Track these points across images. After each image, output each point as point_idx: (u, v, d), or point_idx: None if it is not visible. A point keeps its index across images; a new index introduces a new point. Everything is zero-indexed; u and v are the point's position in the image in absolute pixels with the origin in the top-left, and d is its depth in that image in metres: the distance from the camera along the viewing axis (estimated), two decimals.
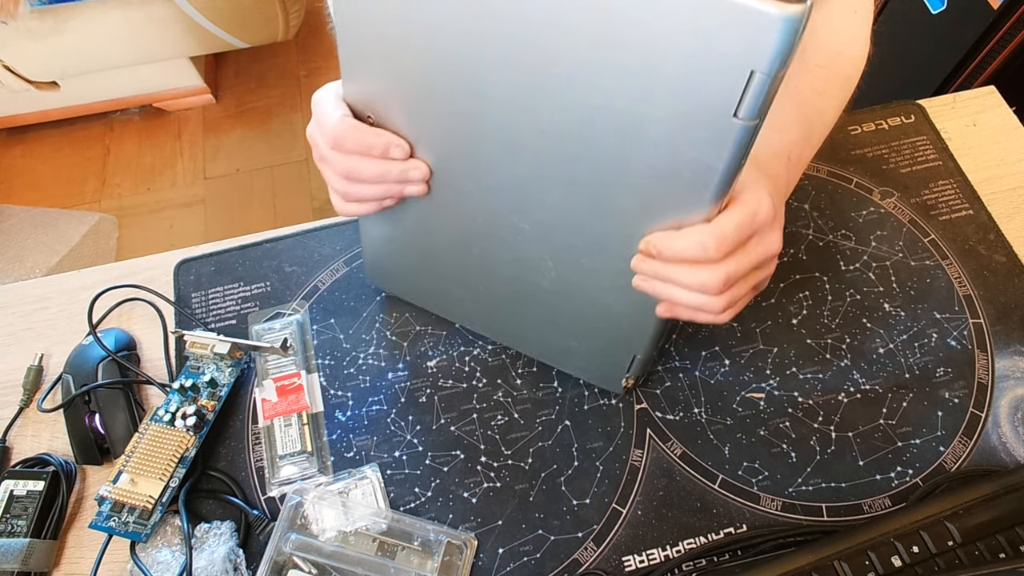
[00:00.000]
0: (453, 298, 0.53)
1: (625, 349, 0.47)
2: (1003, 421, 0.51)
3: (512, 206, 0.40)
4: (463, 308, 0.53)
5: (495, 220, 0.42)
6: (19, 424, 0.53)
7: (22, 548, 0.45)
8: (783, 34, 0.25)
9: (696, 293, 0.36)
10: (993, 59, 1.06)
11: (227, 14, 1.51)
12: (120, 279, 0.57)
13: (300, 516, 0.46)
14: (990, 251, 0.58)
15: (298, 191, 1.64)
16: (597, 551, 0.47)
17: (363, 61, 0.37)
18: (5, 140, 1.73)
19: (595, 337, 0.48)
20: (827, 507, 0.48)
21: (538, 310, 0.47)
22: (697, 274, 0.35)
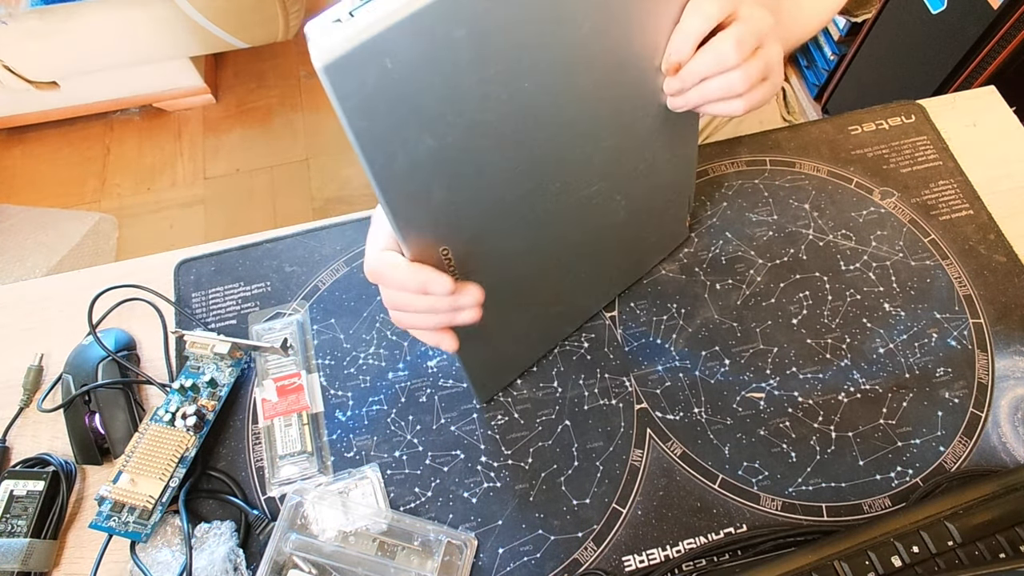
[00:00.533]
0: (543, 333, 0.53)
1: (683, 195, 0.54)
2: (1003, 421, 0.51)
3: (575, 198, 0.43)
4: (551, 330, 0.54)
5: (571, 224, 0.45)
6: (19, 424, 0.53)
7: (22, 548, 0.45)
8: None
9: (727, 93, 0.41)
10: (993, 59, 1.06)
11: (227, 14, 1.51)
12: (120, 279, 0.57)
13: (300, 516, 0.46)
14: (990, 251, 0.58)
15: (298, 191, 1.64)
16: (597, 551, 0.47)
17: (418, 228, 0.36)
18: (5, 140, 1.73)
19: (662, 212, 0.53)
20: (827, 507, 0.48)
21: (615, 246, 0.52)
22: (726, 79, 0.40)
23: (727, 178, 0.63)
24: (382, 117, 0.29)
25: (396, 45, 0.27)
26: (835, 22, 1.41)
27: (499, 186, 0.37)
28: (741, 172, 0.63)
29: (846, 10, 0.69)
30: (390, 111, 0.29)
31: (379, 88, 0.28)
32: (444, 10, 0.27)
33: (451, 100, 0.31)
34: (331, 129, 1.73)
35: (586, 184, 0.43)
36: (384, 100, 0.29)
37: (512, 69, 0.32)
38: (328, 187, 1.64)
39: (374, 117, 0.29)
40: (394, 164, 0.31)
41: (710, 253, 0.59)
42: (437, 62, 0.29)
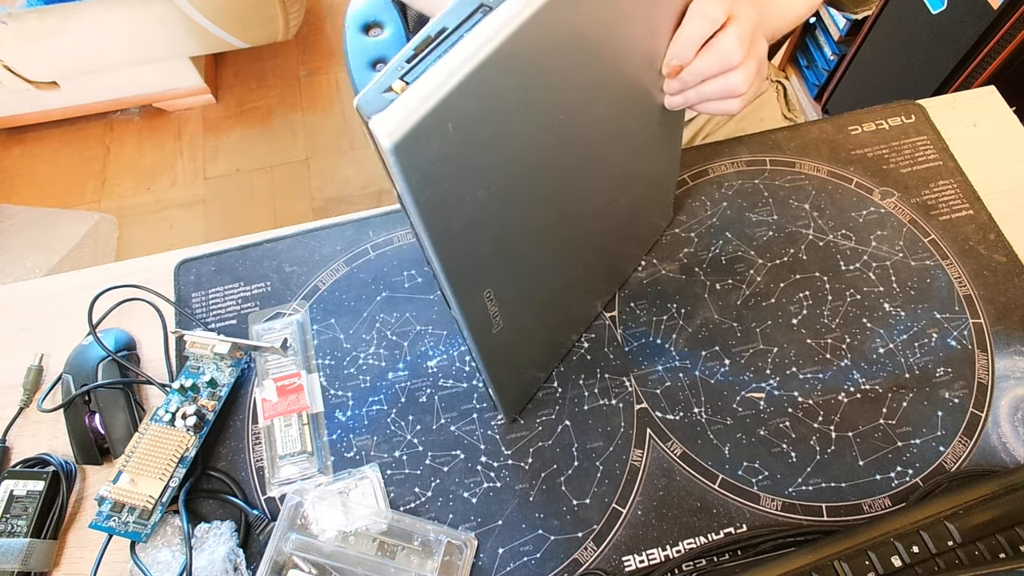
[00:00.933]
0: (556, 346, 0.53)
1: (670, 180, 0.55)
2: (1003, 421, 0.51)
3: (589, 210, 0.44)
4: (562, 340, 0.54)
5: (581, 239, 0.46)
6: (19, 424, 0.53)
7: (22, 548, 0.45)
8: None
9: (727, 94, 0.42)
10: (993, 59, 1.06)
11: (227, 14, 1.51)
12: (120, 279, 0.57)
13: (300, 516, 0.46)
14: (990, 251, 0.58)
15: (298, 191, 1.64)
16: (597, 551, 0.47)
17: (469, 280, 0.36)
18: (5, 140, 1.73)
19: (655, 202, 0.55)
20: (827, 507, 0.48)
21: (617, 247, 0.53)
22: (727, 79, 0.41)
23: (727, 178, 0.63)
24: (443, 181, 0.28)
25: (456, 108, 0.26)
26: (835, 22, 1.41)
27: (535, 220, 0.38)
28: (741, 172, 0.63)
29: (845, 7, 0.69)
30: (450, 174, 0.28)
31: (441, 154, 0.27)
32: (496, 64, 0.27)
33: (501, 149, 0.31)
34: (331, 129, 1.73)
35: (596, 198, 0.44)
36: (445, 164, 0.28)
37: (548, 105, 0.32)
38: (328, 187, 1.64)
39: (436, 183, 0.28)
40: (452, 226, 0.31)
41: (710, 253, 0.59)
42: (491, 114, 0.28)
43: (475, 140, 0.29)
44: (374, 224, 0.61)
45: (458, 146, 0.28)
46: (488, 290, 0.37)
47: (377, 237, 0.60)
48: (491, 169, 0.31)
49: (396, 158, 0.25)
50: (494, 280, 0.37)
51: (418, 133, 0.25)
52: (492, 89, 0.28)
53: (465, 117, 0.27)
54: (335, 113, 1.76)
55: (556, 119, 0.34)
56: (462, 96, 0.26)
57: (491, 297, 0.38)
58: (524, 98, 0.30)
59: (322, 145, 1.71)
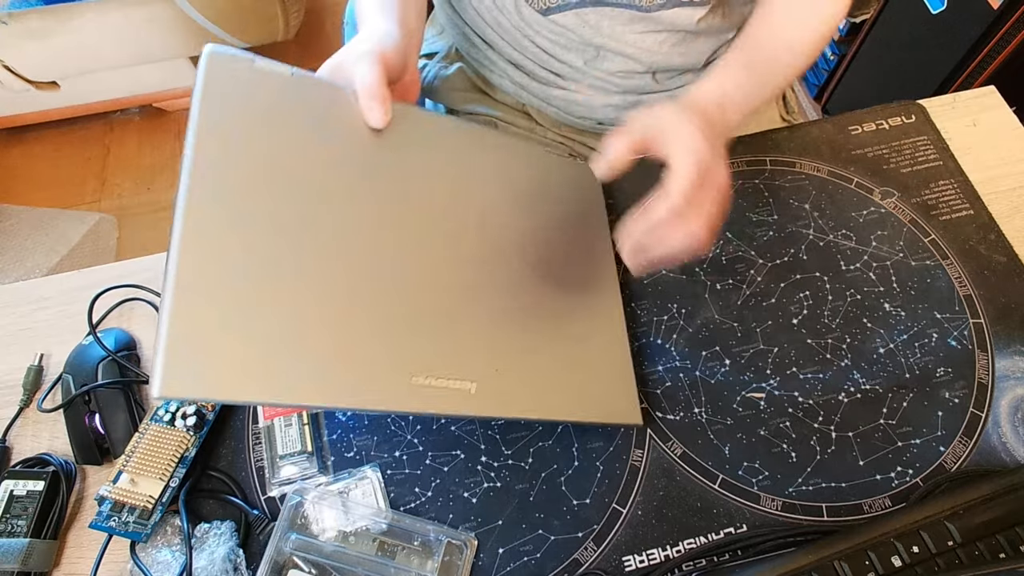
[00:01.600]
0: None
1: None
2: (1003, 421, 0.51)
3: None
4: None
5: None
6: (19, 424, 0.53)
7: (22, 548, 0.45)
8: None
9: (685, 247, 0.44)
10: (993, 59, 1.06)
11: (227, 14, 1.51)
12: (120, 279, 0.57)
13: (300, 516, 0.46)
14: (990, 251, 0.58)
15: None
16: (597, 551, 0.47)
17: None
18: (5, 140, 1.73)
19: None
20: (827, 507, 0.48)
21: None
22: (677, 233, 0.43)
23: None
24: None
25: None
26: None
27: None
28: (741, 172, 0.63)
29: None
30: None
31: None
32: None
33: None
34: None
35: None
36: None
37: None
38: None
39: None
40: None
41: (710, 253, 0.59)
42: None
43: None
44: None
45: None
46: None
47: None
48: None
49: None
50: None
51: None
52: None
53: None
54: None
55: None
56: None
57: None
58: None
59: None
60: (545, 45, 0.65)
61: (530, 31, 0.64)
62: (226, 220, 0.35)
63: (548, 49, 0.65)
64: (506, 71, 0.70)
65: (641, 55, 0.64)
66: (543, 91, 0.70)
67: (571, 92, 0.69)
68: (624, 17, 0.60)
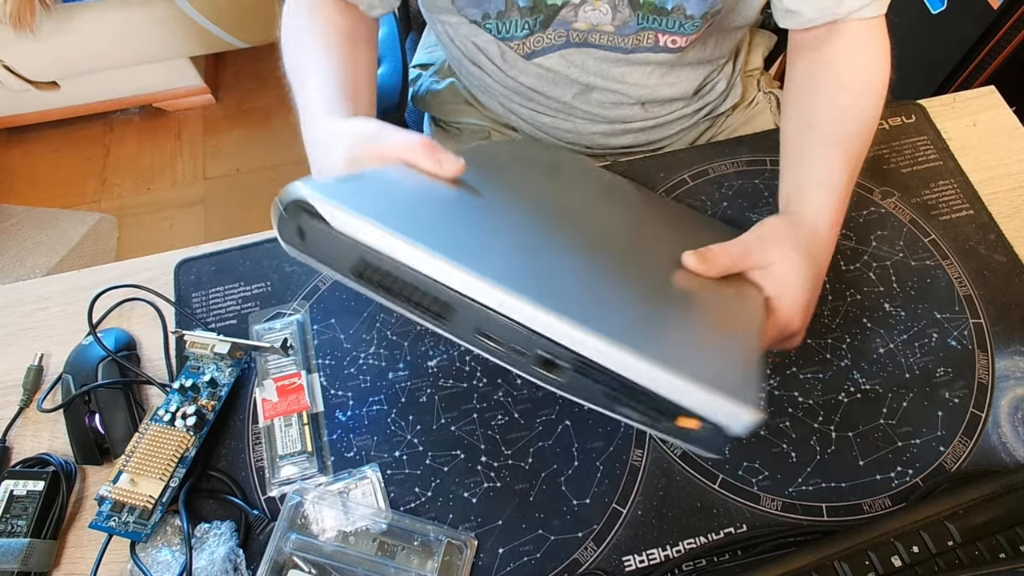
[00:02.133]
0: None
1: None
2: (1003, 421, 0.51)
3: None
4: None
5: None
6: (19, 424, 0.53)
7: (22, 548, 0.45)
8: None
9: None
10: (993, 59, 1.06)
11: (227, 14, 1.51)
12: (120, 279, 0.57)
13: (300, 516, 0.46)
14: (990, 251, 0.58)
15: None
16: (597, 551, 0.47)
17: None
18: (5, 140, 1.73)
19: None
20: (827, 507, 0.48)
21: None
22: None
23: (727, 178, 0.63)
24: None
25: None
26: None
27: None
28: (741, 172, 0.63)
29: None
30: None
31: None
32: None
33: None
34: None
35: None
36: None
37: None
38: None
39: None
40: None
41: None
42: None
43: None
44: None
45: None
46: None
47: None
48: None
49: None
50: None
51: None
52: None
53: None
54: None
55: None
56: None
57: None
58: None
59: None
60: (532, 84, 0.65)
61: (515, 71, 0.64)
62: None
63: (536, 87, 0.65)
64: (495, 95, 0.70)
65: (629, 89, 0.63)
66: (532, 117, 0.70)
67: (560, 120, 0.69)
68: (610, 58, 0.60)
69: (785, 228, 0.46)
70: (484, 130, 0.75)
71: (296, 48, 0.56)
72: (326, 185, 0.36)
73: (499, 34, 0.57)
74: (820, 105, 0.52)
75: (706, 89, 0.70)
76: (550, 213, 0.47)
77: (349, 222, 0.34)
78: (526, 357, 0.36)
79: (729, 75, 0.71)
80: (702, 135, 0.76)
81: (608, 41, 0.58)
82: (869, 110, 0.53)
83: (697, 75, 0.66)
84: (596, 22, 0.56)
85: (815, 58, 0.55)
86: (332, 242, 0.35)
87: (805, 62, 0.56)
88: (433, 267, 0.33)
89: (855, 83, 0.53)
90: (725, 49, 0.66)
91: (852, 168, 0.50)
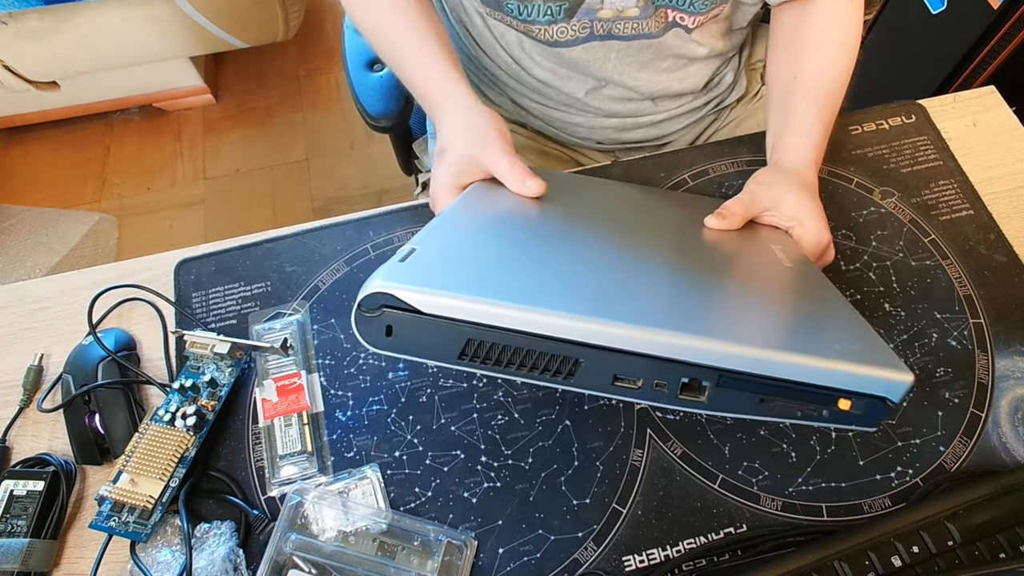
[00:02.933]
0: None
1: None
2: (1003, 421, 0.51)
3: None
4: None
5: None
6: (19, 424, 0.53)
7: (22, 548, 0.45)
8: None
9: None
10: (993, 59, 1.06)
11: (227, 14, 1.51)
12: (120, 279, 0.57)
13: (300, 516, 0.46)
14: (990, 251, 0.58)
15: (298, 191, 1.64)
16: (597, 551, 0.47)
17: None
18: (5, 140, 1.73)
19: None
20: (827, 507, 0.48)
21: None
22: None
23: (727, 178, 0.63)
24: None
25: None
26: None
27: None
28: (742, 172, 0.63)
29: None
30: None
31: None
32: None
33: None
34: (331, 129, 1.73)
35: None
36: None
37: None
38: (328, 187, 1.64)
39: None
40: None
41: None
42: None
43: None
44: (374, 224, 0.61)
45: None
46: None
47: (377, 237, 0.60)
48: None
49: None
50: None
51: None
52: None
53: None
54: (335, 113, 1.76)
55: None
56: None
57: None
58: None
59: (322, 145, 1.71)
60: (546, 78, 0.65)
61: (530, 63, 0.64)
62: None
63: (549, 82, 0.65)
64: (505, 91, 0.70)
65: (642, 85, 0.64)
66: (543, 112, 0.70)
67: (572, 115, 0.69)
68: (632, 48, 0.60)
69: (777, 173, 0.55)
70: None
71: (378, 8, 0.59)
72: (402, 273, 0.34)
73: (520, 15, 0.57)
74: (803, 60, 0.59)
75: (715, 82, 0.70)
76: (614, 239, 0.47)
77: (445, 304, 0.32)
78: (668, 389, 0.34)
79: (736, 67, 0.72)
80: (708, 127, 0.76)
81: (632, 29, 0.58)
82: (845, 68, 0.59)
83: (708, 69, 0.67)
84: (621, 7, 0.56)
85: (800, 14, 0.60)
86: (429, 331, 0.33)
87: (790, 16, 0.61)
88: (551, 325, 0.32)
89: (835, 39, 0.59)
90: (735, 42, 0.67)
91: (828, 118, 0.58)
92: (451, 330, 0.32)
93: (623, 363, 0.33)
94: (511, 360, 0.33)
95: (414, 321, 0.32)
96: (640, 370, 0.33)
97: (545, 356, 0.33)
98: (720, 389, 0.34)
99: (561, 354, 0.32)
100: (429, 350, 0.33)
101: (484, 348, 0.33)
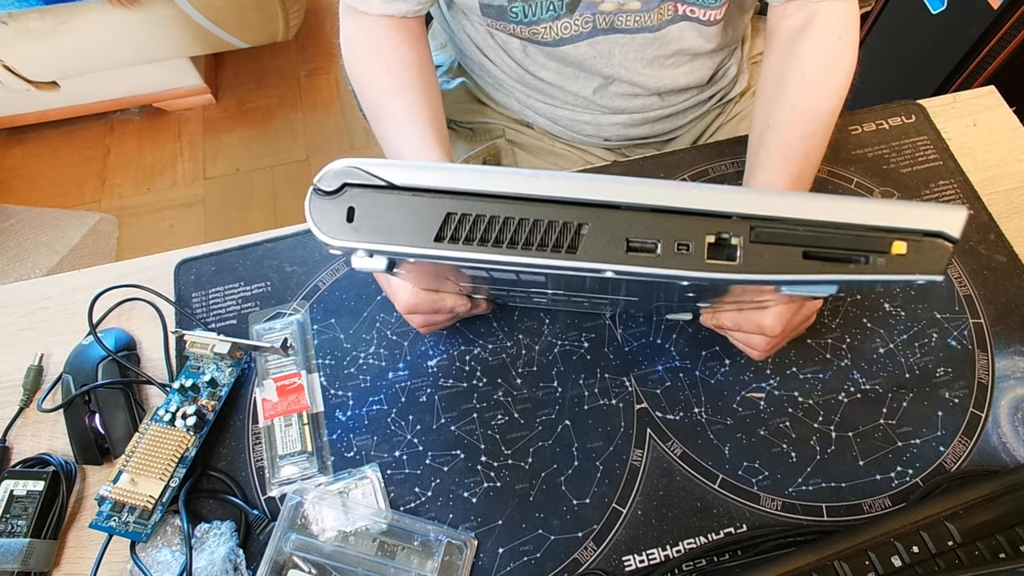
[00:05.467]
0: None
1: None
2: (1003, 421, 0.51)
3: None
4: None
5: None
6: (19, 424, 0.53)
7: (22, 548, 0.45)
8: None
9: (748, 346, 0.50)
10: (993, 59, 1.06)
11: (227, 14, 1.51)
12: (120, 279, 0.57)
13: (300, 516, 0.46)
14: (990, 251, 0.58)
15: (298, 191, 1.64)
16: (597, 551, 0.47)
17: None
18: (5, 140, 1.73)
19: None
20: (827, 507, 0.48)
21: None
22: (753, 340, 0.49)
23: (727, 178, 0.63)
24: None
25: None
26: None
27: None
28: (741, 172, 0.63)
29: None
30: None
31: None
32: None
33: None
34: (331, 129, 1.73)
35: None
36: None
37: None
38: None
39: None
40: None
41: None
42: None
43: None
44: None
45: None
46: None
47: None
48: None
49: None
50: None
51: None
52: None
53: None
54: (335, 113, 1.75)
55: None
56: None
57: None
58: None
59: (322, 145, 1.71)
60: (552, 79, 0.65)
61: (535, 67, 0.64)
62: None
63: (555, 82, 0.65)
64: (512, 92, 0.70)
65: (648, 81, 0.64)
66: (549, 111, 0.70)
67: (579, 113, 0.69)
68: (636, 43, 0.60)
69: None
70: (498, 128, 0.75)
71: (371, 89, 0.59)
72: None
73: (525, 19, 0.57)
74: (779, 108, 0.54)
75: (719, 75, 0.70)
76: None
77: (421, 174, 0.27)
78: (693, 250, 0.28)
79: (739, 60, 0.72)
80: (714, 121, 0.76)
81: (634, 22, 0.58)
82: (826, 111, 0.54)
83: (712, 62, 0.67)
84: (623, 0, 0.56)
85: (786, 55, 0.56)
86: (400, 209, 0.27)
87: (776, 58, 0.57)
88: (547, 185, 0.27)
89: (817, 83, 0.54)
90: (738, 34, 0.67)
91: (797, 169, 0.52)
92: (427, 206, 0.27)
93: (637, 223, 0.28)
94: (500, 236, 0.28)
95: (383, 199, 0.27)
96: (658, 229, 0.28)
97: (541, 225, 0.27)
98: (755, 245, 0.29)
99: (561, 219, 0.27)
100: (398, 234, 0.28)
101: (467, 223, 0.28)
